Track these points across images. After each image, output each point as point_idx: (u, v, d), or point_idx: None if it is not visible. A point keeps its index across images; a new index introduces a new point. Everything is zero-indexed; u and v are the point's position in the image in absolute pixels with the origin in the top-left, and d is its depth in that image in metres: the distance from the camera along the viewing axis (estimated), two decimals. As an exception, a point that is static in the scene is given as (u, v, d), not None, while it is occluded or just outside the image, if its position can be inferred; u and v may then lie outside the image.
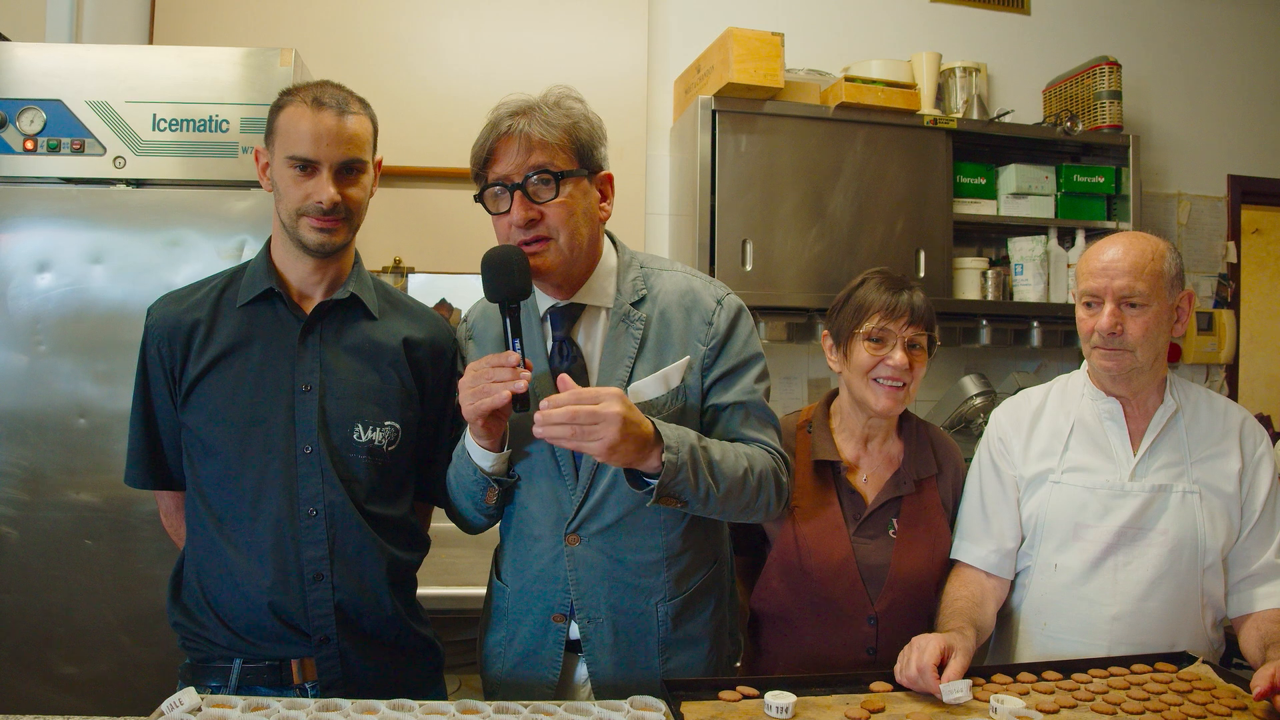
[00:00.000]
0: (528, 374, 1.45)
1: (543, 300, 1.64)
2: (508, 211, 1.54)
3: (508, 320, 1.49)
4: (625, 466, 1.45)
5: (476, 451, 1.57)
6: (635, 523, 1.60)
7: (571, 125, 1.55)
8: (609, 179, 1.63)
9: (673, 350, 1.61)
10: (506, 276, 1.48)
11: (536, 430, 1.38)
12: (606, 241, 1.68)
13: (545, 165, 1.51)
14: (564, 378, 1.42)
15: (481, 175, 1.57)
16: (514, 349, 1.46)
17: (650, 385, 1.58)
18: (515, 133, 1.52)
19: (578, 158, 1.55)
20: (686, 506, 1.50)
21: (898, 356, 1.76)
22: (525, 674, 1.66)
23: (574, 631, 1.62)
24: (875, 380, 1.79)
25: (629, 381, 1.58)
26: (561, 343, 1.62)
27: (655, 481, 1.45)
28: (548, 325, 1.64)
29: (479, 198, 1.58)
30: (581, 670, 1.64)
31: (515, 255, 1.49)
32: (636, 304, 1.62)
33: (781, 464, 1.63)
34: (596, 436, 1.36)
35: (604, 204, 1.62)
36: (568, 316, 1.63)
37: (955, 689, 1.46)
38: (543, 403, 1.38)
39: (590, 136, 1.57)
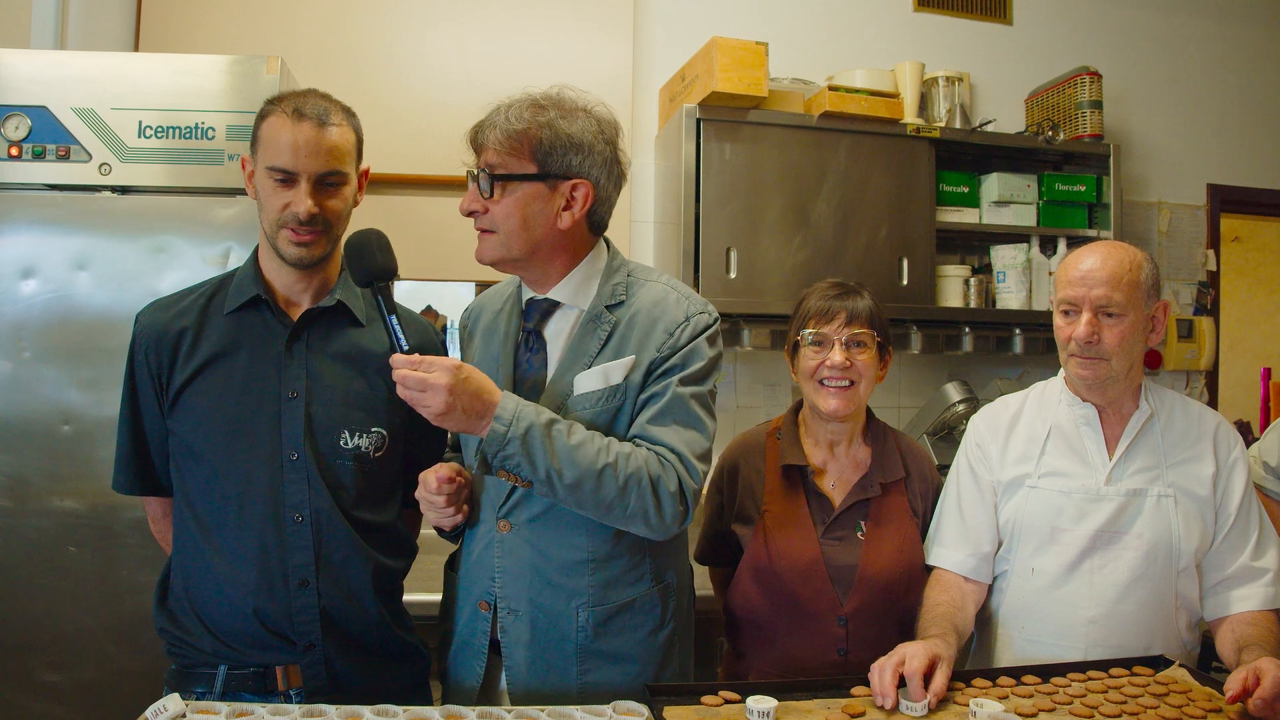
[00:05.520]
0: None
1: (525, 291, 1.68)
2: None
3: (379, 300, 1.53)
4: (464, 433, 1.53)
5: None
6: (560, 517, 1.58)
7: (531, 129, 1.53)
8: (580, 186, 1.56)
9: (630, 353, 1.59)
10: (368, 257, 1.54)
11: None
12: (600, 246, 1.67)
13: (489, 165, 1.55)
14: (397, 357, 1.46)
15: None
16: (391, 325, 1.50)
17: (590, 379, 1.58)
18: (483, 127, 1.58)
19: (535, 161, 1.54)
20: (530, 486, 1.50)
21: (836, 356, 1.82)
22: (457, 669, 1.67)
23: (498, 630, 1.62)
24: (820, 383, 1.85)
25: None
26: (530, 334, 1.65)
27: None
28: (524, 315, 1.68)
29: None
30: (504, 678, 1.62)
31: (374, 236, 1.56)
32: (611, 307, 1.62)
33: (674, 472, 1.52)
34: (425, 403, 1.44)
35: (565, 211, 1.56)
36: (539, 310, 1.65)
37: (913, 704, 1.46)
38: (392, 359, 1.45)
39: (554, 142, 1.53)
